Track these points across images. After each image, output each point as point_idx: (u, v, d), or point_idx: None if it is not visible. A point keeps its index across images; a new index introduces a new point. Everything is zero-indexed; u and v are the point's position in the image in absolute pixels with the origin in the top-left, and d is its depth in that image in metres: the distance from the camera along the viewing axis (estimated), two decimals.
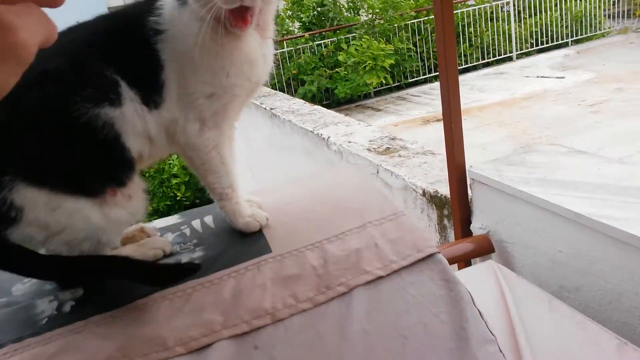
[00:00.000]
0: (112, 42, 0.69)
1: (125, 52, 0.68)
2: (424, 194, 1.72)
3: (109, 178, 0.67)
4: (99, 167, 0.66)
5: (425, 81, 8.24)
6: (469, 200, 1.50)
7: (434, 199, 1.67)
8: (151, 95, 0.69)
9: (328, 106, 7.87)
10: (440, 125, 1.51)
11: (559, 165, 1.38)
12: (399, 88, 8.08)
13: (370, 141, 2.29)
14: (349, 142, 2.35)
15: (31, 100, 0.61)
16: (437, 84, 8.24)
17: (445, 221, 1.65)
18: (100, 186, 0.67)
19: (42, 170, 0.63)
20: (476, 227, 1.47)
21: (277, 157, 3.34)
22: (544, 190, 1.25)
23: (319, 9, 7.83)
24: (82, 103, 0.63)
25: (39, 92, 0.61)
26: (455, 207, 1.49)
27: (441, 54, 1.42)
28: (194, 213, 0.88)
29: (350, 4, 8.11)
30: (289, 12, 8.00)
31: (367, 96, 7.85)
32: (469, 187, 1.49)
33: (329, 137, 2.49)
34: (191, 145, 0.73)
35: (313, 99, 7.60)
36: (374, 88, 7.51)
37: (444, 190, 1.65)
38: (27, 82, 0.60)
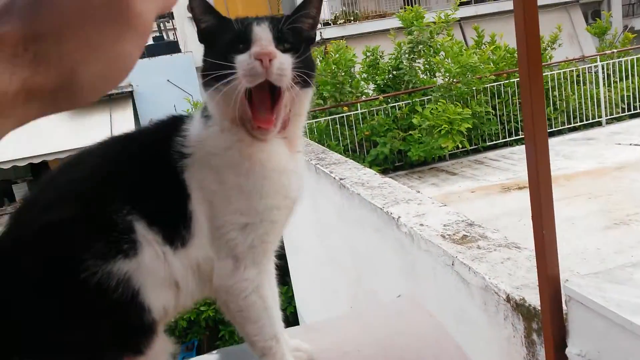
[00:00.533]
0: (129, 174, 0.60)
1: (145, 184, 0.59)
2: (508, 299, 1.51)
3: (125, 348, 0.57)
4: (113, 338, 0.56)
5: (505, 145, 7.90)
6: (564, 317, 1.27)
7: (521, 308, 1.45)
8: (177, 231, 0.59)
9: (401, 168, 7.72)
10: (522, 194, 1.32)
11: None
12: (476, 151, 7.79)
13: (444, 226, 2.10)
14: (421, 224, 2.18)
15: (30, 266, 0.52)
16: (517, 148, 7.92)
17: (534, 336, 1.41)
18: (115, 358, 0.56)
19: (48, 354, 0.54)
20: (573, 353, 1.24)
21: (347, 230, 3.21)
22: None
23: (394, 72, 7.85)
24: (91, 261, 0.54)
25: (38, 256, 0.52)
26: (548, 326, 1.26)
27: (531, 161, 1.25)
28: (234, 354, 0.76)
29: (426, 66, 8.06)
30: (364, 75, 8.08)
31: (441, 159, 7.62)
32: (564, 303, 1.27)
33: (399, 217, 2.33)
34: (225, 288, 0.61)
35: (385, 161, 7.48)
36: (449, 151, 7.28)
37: (533, 299, 1.43)
38: (26, 240, 0.52)
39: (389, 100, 7.68)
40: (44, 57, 0.31)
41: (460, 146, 7.13)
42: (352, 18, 15.32)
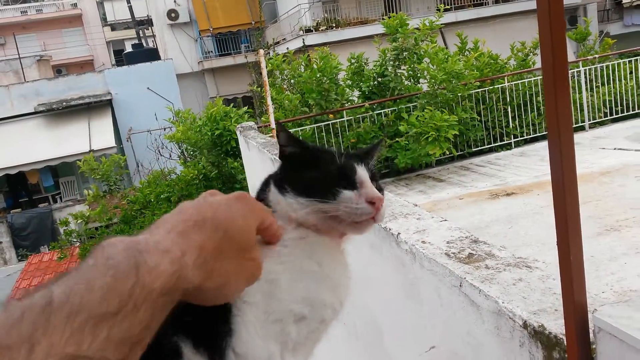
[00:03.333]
0: None
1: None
2: (525, 325, 1.41)
3: None
4: None
5: (490, 150, 7.90)
6: (592, 349, 1.18)
7: (540, 336, 1.36)
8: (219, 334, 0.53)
9: (387, 175, 7.65)
10: (510, 200, 1.23)
11: None
12: (462, 157, 7.77)
13: (447, 243, 2.01)
14: (423, 242, 2.08)
15: None
16: (502, 154, 7.91)
17: None
18: None
19: None
20: None
21: None
22: None
23: (379, 79, 7.79)
24: None
25: None
26: (573, 357, 1.17)
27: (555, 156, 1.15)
28: None
29: (410, 72, 8.02)
30: (349, 82, 8.01)
31: (428, 165, 7.58)
32: (591, 333, 1.17)
33: (398, 233, 2.23)
34: None
35: None
36: (436, 158, 7.24)
37: (553, 326, 1.34)
38: None
39: (375, 107, 7.62)
40: (216, 271, 0.47)
41: (447, 153, 7.09)
42: (333, 24, 15.27)
